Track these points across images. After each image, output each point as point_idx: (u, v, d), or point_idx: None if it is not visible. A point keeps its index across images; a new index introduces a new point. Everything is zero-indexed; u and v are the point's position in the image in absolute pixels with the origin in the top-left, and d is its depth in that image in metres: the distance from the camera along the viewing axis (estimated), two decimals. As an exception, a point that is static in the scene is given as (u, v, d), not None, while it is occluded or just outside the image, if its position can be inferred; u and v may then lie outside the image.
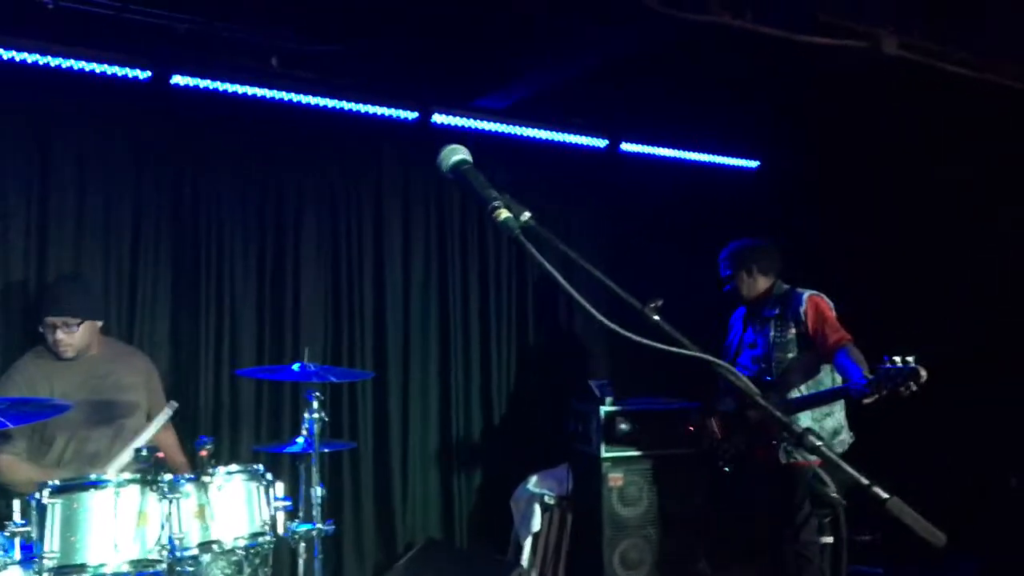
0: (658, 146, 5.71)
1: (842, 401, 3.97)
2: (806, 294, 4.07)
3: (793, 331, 4.02)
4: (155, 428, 3.47)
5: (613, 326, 1.42)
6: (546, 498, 4.88)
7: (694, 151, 5.85)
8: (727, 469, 4.18)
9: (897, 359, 3.33)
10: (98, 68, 3.98)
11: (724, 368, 1.49)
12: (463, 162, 1.59)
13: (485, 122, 5.06)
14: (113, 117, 4.27)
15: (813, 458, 3.91)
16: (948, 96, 4.52)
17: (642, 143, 5.64)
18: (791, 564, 3.90)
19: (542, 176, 5.27)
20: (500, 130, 5.13)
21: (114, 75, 4.04)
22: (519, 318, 5.45)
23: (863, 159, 5.53)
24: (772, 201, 5.89)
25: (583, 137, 5.44)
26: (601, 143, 5.51)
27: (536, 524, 4.84)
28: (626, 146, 5.59)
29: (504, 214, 1.50)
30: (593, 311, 1.43)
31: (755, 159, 6.11)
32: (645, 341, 1.45)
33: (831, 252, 5.71)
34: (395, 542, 4.87)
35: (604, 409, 4.87)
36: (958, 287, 5.28)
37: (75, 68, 3.98)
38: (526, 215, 1.53)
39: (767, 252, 4.24)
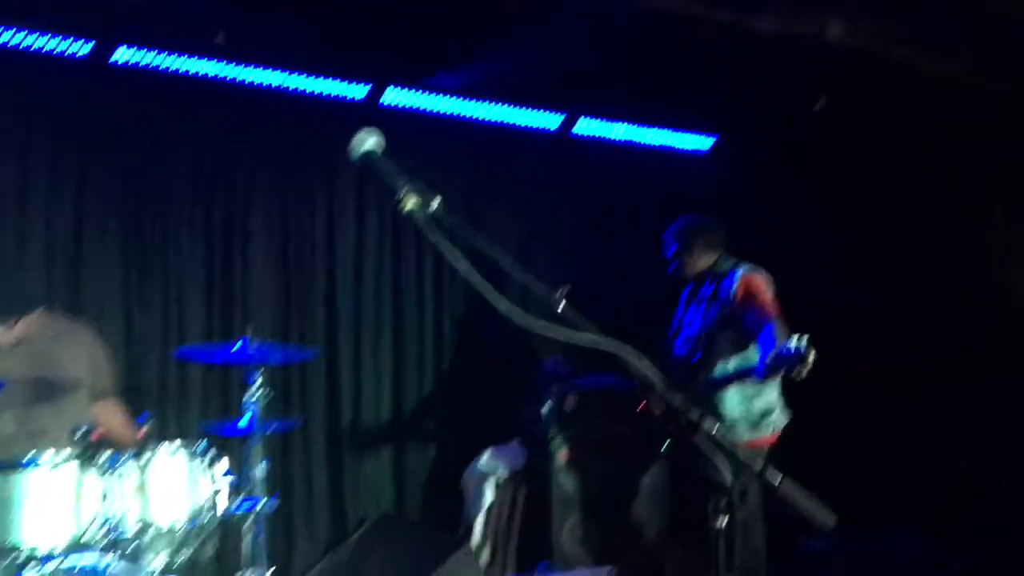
0: (613, 121, 5.69)
1: (778, 380, 3.94)
2: (740, 271, 3.99)
3: (725, 309, 3.96)
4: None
5: (516, 318, 1.43)
6: (498, 474, 4.93)
7: (649, 126, 5.84)
8: (667, 443, 4.20)
9: (791, 343, 3.30)
10: (38, 43, 3.90)
11: (628, 353, 1.51)
12: (372, 152, 1.58)
13: (439, 97, 5.03)
14: (55, 94, 4.19)
15: (745, 439, 3.98)
16: (895, 85, 4.57)
17: (597, 118, 5.61)
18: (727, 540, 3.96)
19: (495, 158, 5.27)
20: (452, 111, 5.11)
21: (52, 51, 3.95)
22: (475, 294, 5.44)
23: (817, 142, 5.58)
24: (725, 185, 5.93)
25: (536, 118, 5.41)
26: (554, 123, 5.49)
27: (488, 499, 4.89)
28: (581, 126, 5.58)
29: (410, 204, 1.50)
30: (495, 301, 1.44)
31: (710, 136, 6.12)
32: (549, 333, 1.46)
33: (783, 235, 5.78)
34: (346, 519, 4.89)
35: (555, 386, 4.92)
36: (908, 272, 5.38)
37: (11, 43, 3.89)
38: (435, 203, 1.53)
39: (711, 229, 4.18)
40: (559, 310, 1.52)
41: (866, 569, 4.62)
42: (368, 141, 1.59)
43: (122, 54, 4.11)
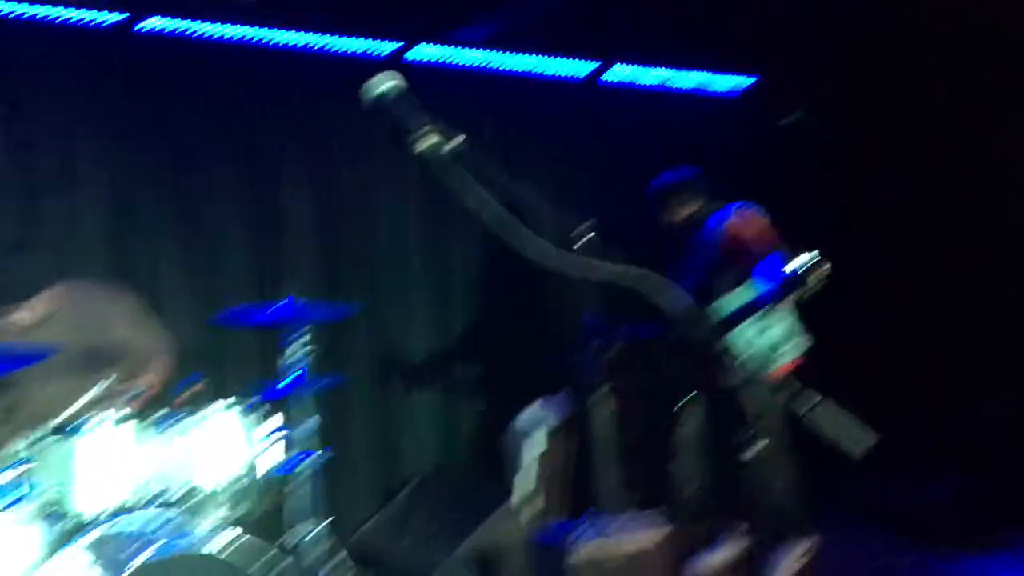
0: (646, 66, 5.58)
1: (791, 307, 3.88)
2: (733, 208, 3.98)
3: (718, 253, 3.95)
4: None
5: (543, 257, 1.40)
6: (544, 427, 4.96)
7: (686, 69, 5.71)
8: (688, 399, 4.19)
9: (797, 260, 3.21)
10: (66, 14, 3.93)
11: (656, 284, 1.49)
12: (384, 94, 1.53)
13: (465, 51, 4.99)
14: (86, 63, 4.24)
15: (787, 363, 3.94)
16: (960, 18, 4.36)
17: (631, 63, 5.51)
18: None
19: (524, 110, 5.21)
20: (479, 64, 5.06)
21: (80, 21, 3.99)
22: (514, 251, 5.44)
23: (862, 85, 5.39)
24: (763, 127, 5.80)
25: (566, 63, 5.33)
26: (585, 70, 5.41)
27: (536, 451, 4.93)
28: (611, 73, 5.47)
29: (424, 144, 1.46)
30: (517, 245, 1.42)
31: (751, 76, 5.97)
32: (578, 271, 1.44)
33: (812, 182, 5.64)
34: (395, 475, 4.96)
35: (597, 337, 4.91)
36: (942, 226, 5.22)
37: (39, 16, 3.94)
38: (457, 141, 1.50)
39: (688, 182, 4.17)
40: (587, 243, 1.50)
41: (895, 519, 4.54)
42: (382, 84, 1.54)
43: (151, 23, 4.12)
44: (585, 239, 1.46)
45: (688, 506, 4.73)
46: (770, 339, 3.97)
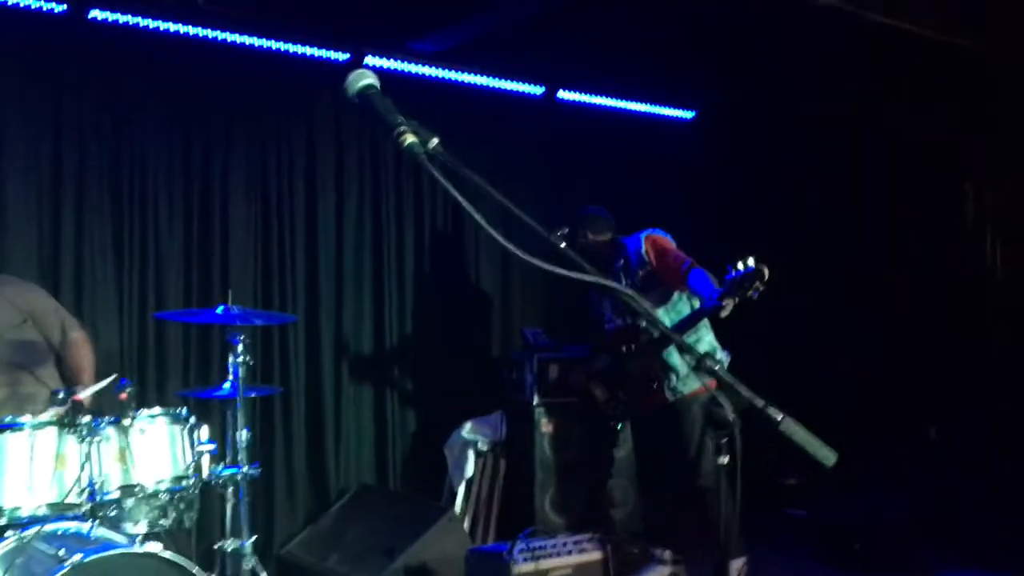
0: (596, 95, 5.70)
1: (707, 322, 4.00)
2: (643, 235, 4.13)
3: (641, 273, 4.05)
4: (96, 388, 3.27)
5: (520, 252, 1.41)
6: (480, 444, 4.93)
7: (631, 100, 5.85)
8: (619, 427, 4.25)
9: (740, 264, 3.38)
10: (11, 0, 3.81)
11: (627, 295, 1.50)
12: (369, 87, 1.56)
13: (419, 66, 4.99)
14: (31, 53, 4.10)
15: (700, 385, 4.03)
16: (875, 47, 4.59)
17: (579, 91, 5.62)
18: (700, 497, 4.02)
19: (478, 124, 5.22)
20: (435, 75, 5.06)
21: (28, 7, 3.86)
22: (456, 264, 5.44)
23: (796, 109, 5.60)
24: (707, 153, 5.95)
25: (520, 84, 5.40)
26: (538, 91, 5.47)
27: (470, 470, 4.89)
28: (563, 94, 5.56)
29: (410, 138, 1.47)
30: (499, 237, 1.42)
31: (691, 110, 6.14)
32: (550, 267, 1.45)
33: (761, 204, 5.82)
34: (328, 488, 4.87)
35: (536, 356, 4.92)
36: (888, 242, 5.43)
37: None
38: (434, 141, 1.51)
39: (597, 217, 4.29)
40: (560, 248, 1.49)
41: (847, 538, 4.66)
42: (364, 77, 1.55)
43: (99, 13, 4.00)
44: (563, 242, 1.45)
45: (622, 527, 4.75)
46: (700, 352, 4.00)
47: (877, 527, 4.37)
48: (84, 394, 3.24)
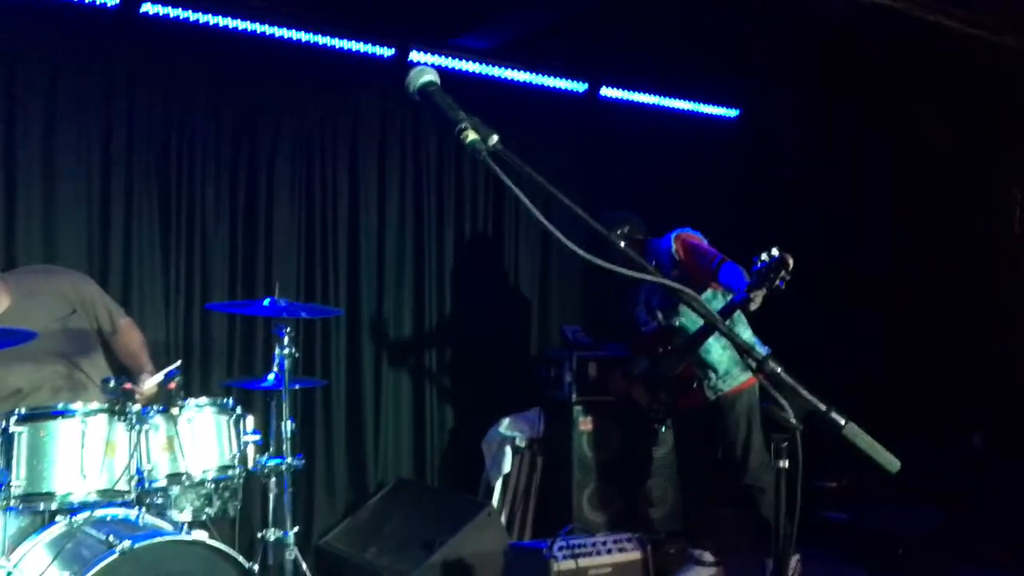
0: (638, 92, 5.66)
1: (742, 317, 3.96)
2: (672, 234, 4.10)
3: (673, 272, 4.01)
4: (156, 380, 3.32)
5: (577, 249, 1.41)
6: (517, 441, 4.93)
7: (674, 97, 5.81)
8: (663, 429, 4.23)
9: (764, 256, 3.37)
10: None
11: (688, 295, 1.49)
12: (431, 83, 1.57)
13: (463, 61, 4.99)
14: (83, 47, 4.17)
15: (742, 380, 4.00)
16: (927, 46, 4.51)
17: (622, 88, 5.59)
18: (749, 497, 3.99)
19: (521, 120, 5.21)
20: (478, 71, 5.07)
21: (82, 2, 3.92)
22: (495, 260, 5.45)
23: (844, 109, 5.53)
24: (752, 150, 5.89)
25: (563, 81, 5.39)
26: (581, 87, 5.45)
27: (507, 466, 4.89)
28: (606, 91, 5.54)
29: (472, 135, 1.48)
30: (560, 236, 1.42)
31: (735, 107, 6.08)
32: (612, 266, 1.45)
33: (808, 205, 5.75)
34: (366, 480, 4.90)
35: (576, 354, 4.91)
36: (936, 244, 5.33)
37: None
38: (494, 138, 1.51)
39: (629, 219, 4.25)
40: (620, 248, 1.49)
41: (887, 545, 4.61)
42: (426, 74, 1.56)
43: (151, 7, 4.06)
44: (623, 240, 1.45)
45: (660, 526, 4.73)
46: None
47: (921, 533, 4.31)
48: (149, 383, 3.30)
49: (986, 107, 5.00)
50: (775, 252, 3.35)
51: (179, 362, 3.28)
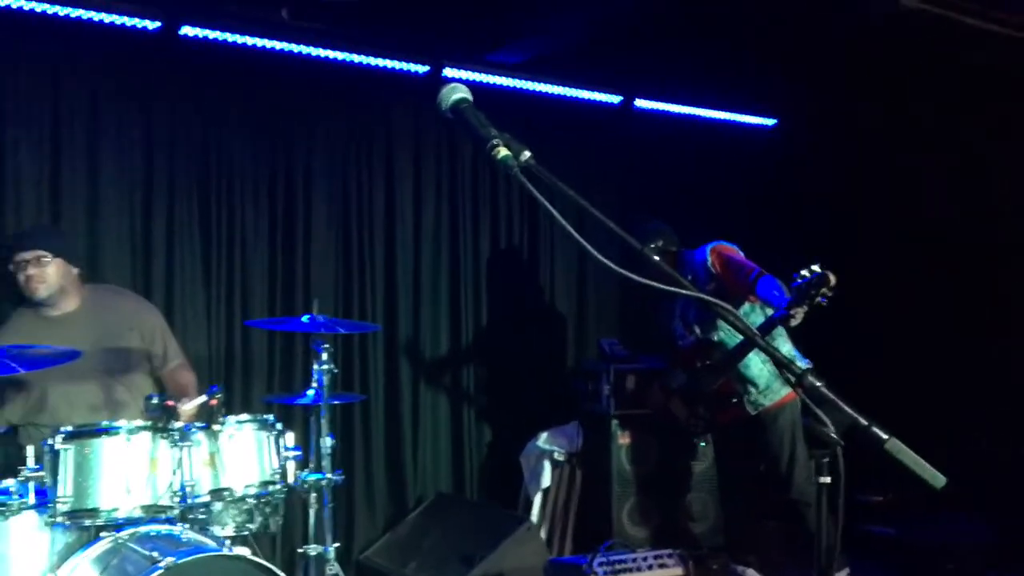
0: (674, 103, 5.64)
1: (783, 330, 3.90)
2: (708, 247, 4.04)
3: (709, 286, 3.96)
4: (196, 403, 3.40)
5: (611, 265, 1.41)
6: (556, 455, 4.91)
7: (709, 108, 5.78)
8: (702, 444, 4.17)
9: (805, 272, 3.30)
10: (107, 18, 3.96)
11: (723, 308, 1.47)
12: (463, 100, 1.58)
13: (497, 76, 5.01)
14: (124, 68, 4.26)
15: (783, 394, 3.94)
16: (968, 51, 4.44)
17: (657, 100, 5.57)
18: (794, 512, 3.93)
19: (555, 134, 5.22)
20: (512, 85, 5.08)
21: (123, 25, 4.02)
22: (531, 275, 5.45)
23: (881, 118, 5.44)
24: (788, 160, 5.83)
25: (597, 93, 5.38)
26: (615, 99, 5.45)
27: (546, 480, 4.88)
28: (640, 103, 5.52)
29: (503, 152, 1.49)
30: (591, 249, 1.42)
31: (772, 117, 6.03)
32: (646, 281, 1.44)
33: (846, 215, 5.67)
34: (406, 495, 4.91)
35: (613, 367, 4.88)
36: (977, 253, 5.22)
37: (86, 18, 3.96)
38: (526, 154, 1.52)
39: (662, 232, 4.21)
40: (654, 261, 1.48)
41: (936, 559, 4.51)
42: (458, 91, 1.57)
43: (190, 29, 4.14)
44: (657, 253, 1.44)
45: (702, 541, 4.67)
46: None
47: (971, 546, 4.21)
48: (188, 406, 3.35)
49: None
50: (816, 268, 3.30)
51: (219, 386, 3.28)
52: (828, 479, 1.37)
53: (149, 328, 3.76)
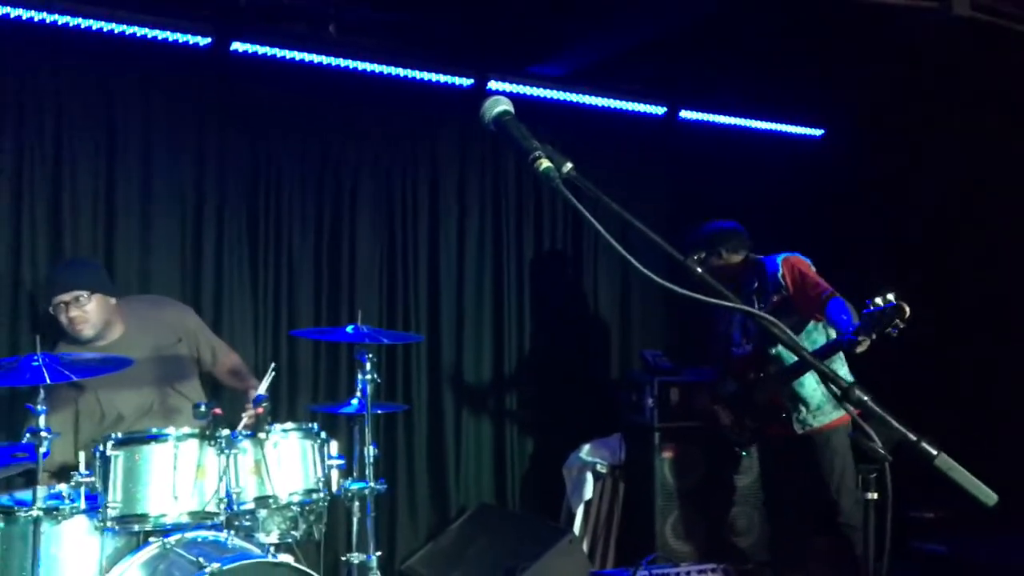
0: (718, 113, 5.60)
1: (840, 354, 3.80)
2: (780, 257, 3.95)
3: (775, 297, 3.87)
4: (268, 381, 3.45)
5: (653, 276, 1.40)
6: (598, 467, 4.88)
7: (755, 119, 5.72)
8: (744, 453, 4.10)
9: (879, 300, 3.19)
10: (160, 35, 4.06)
11: (768, 321, 1.46)
12: (505, 113, 1.58)
13: (541, 89, 5.03)
14: (176, 84, 4.36)
15: (834, 417, 3.86)
16: (1020, 59, 4.34)
17: (702, 111, 5.54)
18: (839, 533, 3.86)
19: (599, 145, 5.22)
20: (556, 97, 5.09)
21: (175, 42, 4.11)
22: (575, 286, 5.44)
23: (932, 129, 5.34)
24: (836, 171, 5.74)
25: (641, 104, 5.37)
26: (659, 111, 5.43)
27: (588, 492, 4.85)
28: (685, 113, 5.49)
29: (545, 164, 1.49)
30: (634, 261, 1.41)
31: (819, 128, 5.95)
32: (689, 293, 1.43)
33: (893, 228, 5.57)
34: (448, 505, 4.93)
35: (657, 379, 4.85)
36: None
37: (138, 35, 4.06)
38: (568, 166, 1.52)
39: (735, 233, 4.14)
40: (698, 274, 1.47)
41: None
42: (500, 104, 1.58)
43: (240, 45, 4.22)
44: (700, 267, 1.43)
45: (747, 556, 4.61)
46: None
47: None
48: (262, 386, 3.42)
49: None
50: (891, 297, 3.18)
51: (272, 366, 3.34)
52: (875, 495, 1.34)
53: (192, 334, 3.80)
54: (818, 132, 5.97)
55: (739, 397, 4.11)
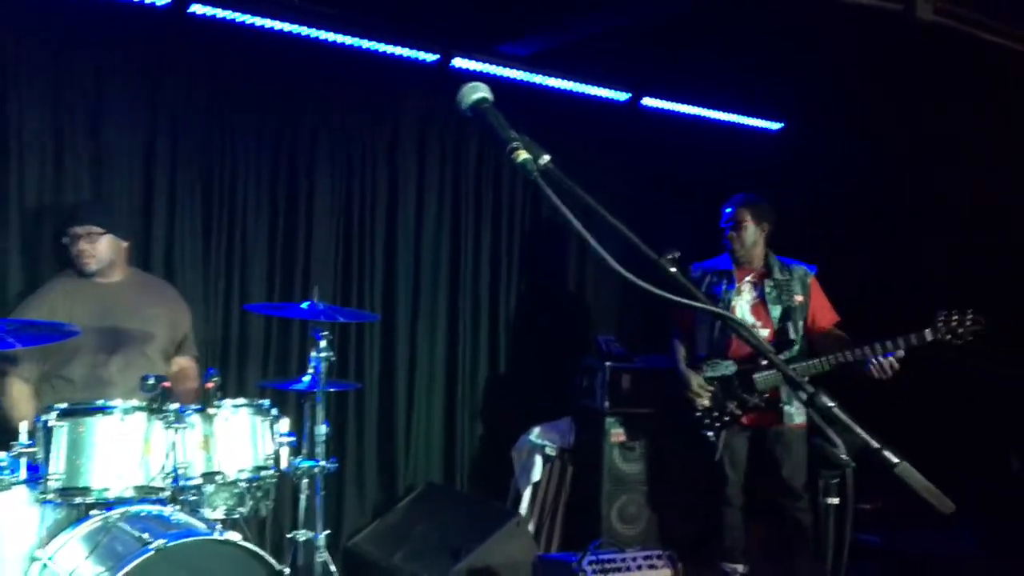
0: (680, 102, 5.62)
1: None
2: (804, 268, 4.22)
3: (799, 299, 4.10)
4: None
5: (627, 274, 1.39)
6: (547, 450, 4.91)
7: (716, 109, 5.76)
8: (709, 434, 4.13)
9: (888, 343, 3.68)
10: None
11: (738, 324, 1.46)
12: (483, 100, 1.56)
13: (506, 68, 4.98)
14: (131, 43, 4.21)
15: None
16: (983, 67, 4.42)
17: (664, 98, 5.55)
18: (797, 524, 3.97)
19: (561, 127, 5.19)
20: (521, 78, 5.05)
21: (134, 1, 3.97)
22: (530, 270, 5.44)
23: (891, 127, 5.42)
24: (794, 164, 5.81)
25: (605, 90, 5.36)
26: (623, 96, 5.42)
27: (536, 474, 4.88)
28: (648, 101, 5.50)
29: (523, 155, 1.47)
30: (607, 257, 1.40)
31: (779, 121, 6.01)
32: (658, 291, 1.43)
33: (851, 221, 5.66)
34: (396, 484, 4.91)
35: (609, 365, 4.88)
36: (979, 260, 5.21)
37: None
38: (545, 158, 1.50)
39: (769, 212, 4.30)
40: (670, 273, 1.47)
41: (919, 569, 4.54)
42: (478, 91, 1.55)
43: (199, 7, 4.09)
44: (672, 269, 1.43)
45: (691, 542, 4.68)
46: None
47: (954, 559, 4.23)
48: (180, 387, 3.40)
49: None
50: (902, 345, 3.69)
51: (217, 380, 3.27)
52: (836, 500, 1.36)
53: (181, 319, 3.90)
54: (777, 125, 6.03)
55: (731, 380, 4.12)
